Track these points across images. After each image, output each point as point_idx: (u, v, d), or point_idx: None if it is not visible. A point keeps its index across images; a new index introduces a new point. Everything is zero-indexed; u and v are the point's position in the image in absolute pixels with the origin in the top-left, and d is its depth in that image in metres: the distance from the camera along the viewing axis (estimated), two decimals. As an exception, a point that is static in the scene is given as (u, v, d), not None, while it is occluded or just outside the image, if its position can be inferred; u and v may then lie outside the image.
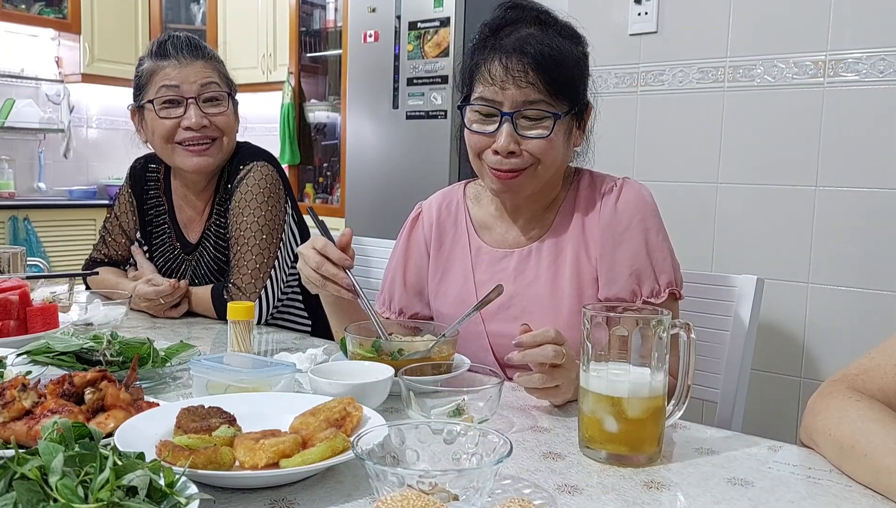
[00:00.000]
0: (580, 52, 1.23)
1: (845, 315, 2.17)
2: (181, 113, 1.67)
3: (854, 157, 2.15)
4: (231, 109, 1.74)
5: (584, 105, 1.25)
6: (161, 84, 1.67)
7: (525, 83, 1.17)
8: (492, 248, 1.34)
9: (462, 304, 1.30)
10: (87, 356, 1.14)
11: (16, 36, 4.82)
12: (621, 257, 1.23)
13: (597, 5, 2.58)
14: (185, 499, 0.65)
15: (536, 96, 1.18)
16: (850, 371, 0.95)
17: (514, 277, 1.30)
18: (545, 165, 1.22)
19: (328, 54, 4.65)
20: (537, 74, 1.17)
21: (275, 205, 1.70)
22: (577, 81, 1.22)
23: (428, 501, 0.63)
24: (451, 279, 1.37)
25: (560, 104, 1.19)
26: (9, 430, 0.83)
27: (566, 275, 1.26)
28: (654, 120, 2.50)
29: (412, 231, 1.44)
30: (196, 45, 1.71)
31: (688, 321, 0.91)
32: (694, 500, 0.79)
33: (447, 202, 1.42)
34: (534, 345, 1.00)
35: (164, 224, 1.84)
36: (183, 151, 1.70)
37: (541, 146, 1.19)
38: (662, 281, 1.23)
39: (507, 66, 1.17)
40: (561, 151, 1.23)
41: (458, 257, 1.37)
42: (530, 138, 1.19)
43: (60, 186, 5.04)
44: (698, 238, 2.41)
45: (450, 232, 1.39)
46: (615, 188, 1.26)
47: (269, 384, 1.01)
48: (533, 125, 1.19)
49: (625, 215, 1.24)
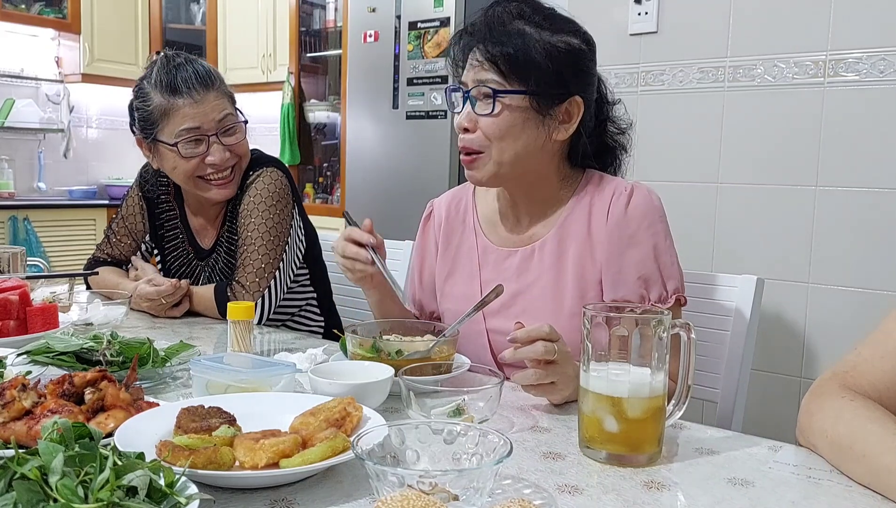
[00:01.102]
0: (559, 41, 1.21)
1: (845, 315, 2.17)
2: (203, 150, 1.67)
3: (854, 157, 2.15)
4: (245, 133, 1.75)
5: (563, 95, 1.22)
6: (181, 127, 1.64)
7: (477, 62, 1.22)
8: (497, 247, 1.34)
9: (468, 303, 1.29)
10: (87, 356, 1.14)
11: (16, 36, 4.82)
12: (630, 261, 1.22)
13: (597, 5, 2.58)
14: (185, 499, 0.65)
15: (487, 76, 1.20)
16: (840, 369, 0.95)
17: (517, 275, 1.30)
18: (498, 147, 1.22)
19: (328, 54, 4.65)
20: (488, 54, 1.20)
21: (283, 209, 1.72)
22: (542, 66, 1.19)
23: (428, 501, 0.63)
24: (457, 278, 1.38)
25: (512, 84, 1.20)
26: (9, 430, 0.83)
27: (569, 275, 1.26)
28: (654, 120, 2.50)
29: (425, 230, 1.47)
30: (204, 75, 1.68)
31: (688, 321, 0.91)
32: (694, 500, 0.79)
33: (457, 201, 1.43)
34: (527, 341, 1.00)
35: (177, 229, 1.84)
36: (207, 185, 1.71)
37: (488, 124, 1.21)
38: (670, 287, 1.23)
39: (464, 47, 1.25)
40: (517, 135, 1.22)
41: (466, 255, 1.38)
42: (481, 116, 1.22)
43: (60, 187, 5.04)
44: (698, 238, 2.41)
45: (458, 230, 1.40)
46: (625, 192, 1.25)
47: (269, 384, 1.01)
48: (485, 105, 1.22)
49: (634, 220, 1.23)
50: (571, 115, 1.24)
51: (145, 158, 1.80)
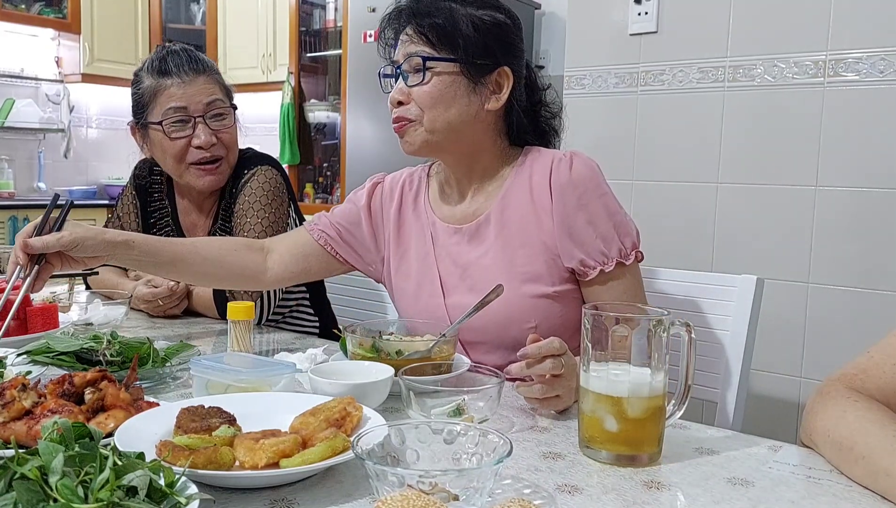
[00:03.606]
0: (483, 14, 1.28)
1: (845, 315, 2.17)
2: (190, 132, 1.68)
3: (854, 157, 2.15)
4: (234, 121, 1.76)
5: (489, 66, 1.27)
6: (167, 106, 1.66)
7: (406, 36, 1.28)
8: (445, 224, 1.37)
9: (424, 279, 1.35)
10: (87, 356, 1.14)
11: (16, 36, 4.82)
12: (584, 221, 1.24)
13: (597, 5, 2.58)
14: (185, 499, 0.65)
15: (414, 49, 1.26)
16: (849, 370, 0.95)
17: (468, 250, 1.33)
18: (430, 114, 1.26)
19: (328, 54, 4.65)
20: (414, 28, 1.26)
21: (278, 208, 1.72)
22: (470, 36, 1.25)
23: (428, 501, 0.63)
24: (412, 255, 1.40)
25: (441, 53, 1.25)
26: (9, 430, 0.83)
27: (515, 243, 1.28)
28: (654, 120, 2.50)
29: (372, 195, 1.47)
30: (196, 60, 1.71)
31: (688, 321, 0.91)
32: (694, 500, 0.79)
33: (410, 180, 1.46)
34: (538, 358, 1.01)
35: (168, 227, 1.84)
36: (195, 172, 1.71)
37: (420, 93, 1.26)
38: (627, 243, 1.25)
39: (393, 27, 1.31)
40: (448, 102, 1.26)
41: (418, 233, 1.40)
42: (413, 87, 1.26)
43: (60, 187, 5.04)
44: (698, 238, 2.41)
45: (409, 209, 1.43)
46: (565, 158, 1.28)
47: (269, 384, 1.01)
48: (415, 76, 1.26)
49: (580, 181, 1.25)
50: (501, 85, 1.30)
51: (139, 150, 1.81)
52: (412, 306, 1.37)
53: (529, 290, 1.26)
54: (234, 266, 1.39)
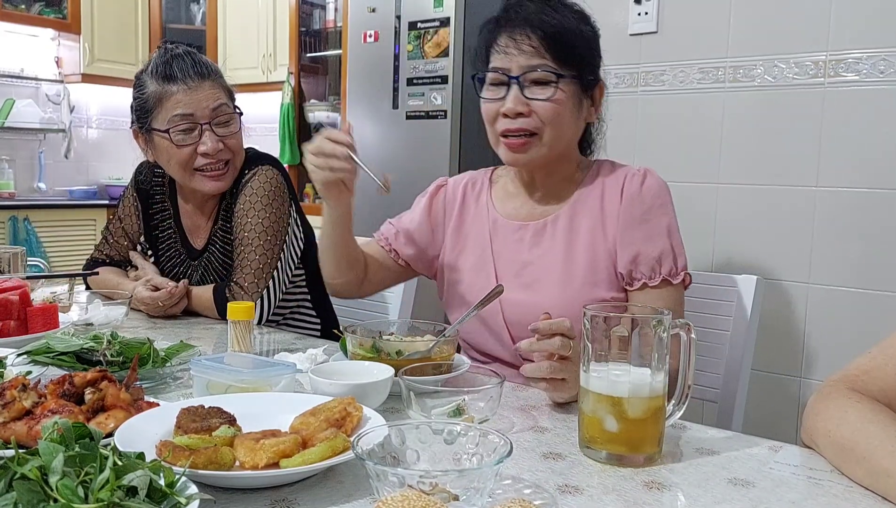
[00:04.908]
0: (587, 29, 1.31)
1: (845, 315, 2.17)
2: (196, 139, 1.67)
3: (854, 157, 2.15)
4: (239, 127, 1.75)
5: (594, 80, 1.32)
6: (174, 112, 1.65)
7: (529, 48, 1.26)
8: (508, 220, 1.38)
9: (479, 273, 1.37)
10: (88, 356, 1.14)
11: (15, 36, 4.82)
12: (645, 236, 1.27)
13: (597, 5, 2.56)
14: (185, 499, 0.65)
15: (540, 61, 1.25)
16: (851, 371, 0.95)
17: (529, 247, 1.35)
18: (552, 131, 1.27)
19: (328, 54, 4.65)
20: (541, 41, 1.25)
21: (279, 207, 1.71)
22: (584, 52, 1.28)
23: (428, 501, 0.63)
24: (469, 250, 1.42)
25: (565, 69, 1.26)
26: (9, 430, 0.83)
27: (580, 247, 1.30)
28: (654, 120, 2.50)
29: (435, 197, 1.50)
30: (201, 64, 1.69)
31: (688, 321, 0.91)
32: (694, 500, 0.79)
33: (473, 181, 1.49)
34: (548, 333, 1.00)
35: (170, 229, 1.84)
36: (201, 177, 1.70)
37: (546, 108, 1.26)
38: (680, 263, 1.28)
39: (513, 36, 1.27)
40: (568, 119, 1.29)
41: (477, 229, 1.42)
42: (537, 100, 1.26)
43: (61, 187, 5.04)
44: (698, 238, 2.41)
45: (471, 207, 1.45)
46: (638, 173, 1.32)
47: (269, 384, 1.01)
48: (541, 89, 1.26)
49: (649, 196, 1.29)
50: (596, 99, 1.34)
51: (141, 154, 1.80)
52: (464, 301, 1.38)
53: (586, 293, 1.27)
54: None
